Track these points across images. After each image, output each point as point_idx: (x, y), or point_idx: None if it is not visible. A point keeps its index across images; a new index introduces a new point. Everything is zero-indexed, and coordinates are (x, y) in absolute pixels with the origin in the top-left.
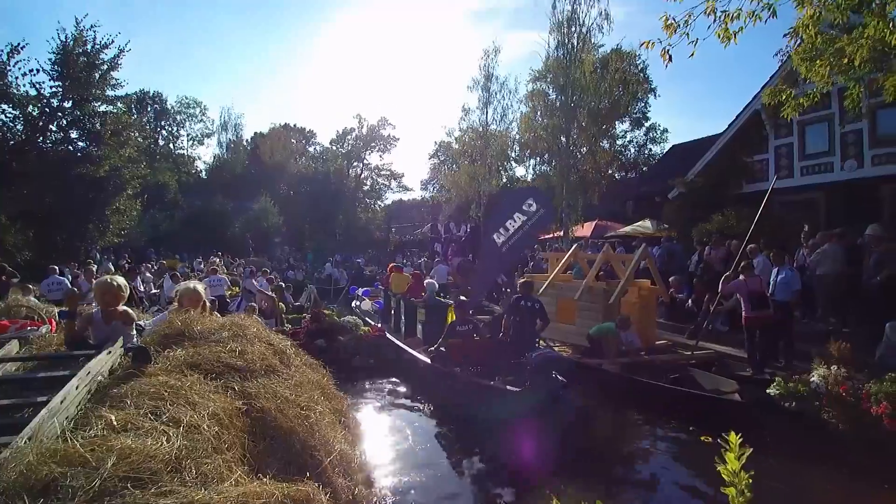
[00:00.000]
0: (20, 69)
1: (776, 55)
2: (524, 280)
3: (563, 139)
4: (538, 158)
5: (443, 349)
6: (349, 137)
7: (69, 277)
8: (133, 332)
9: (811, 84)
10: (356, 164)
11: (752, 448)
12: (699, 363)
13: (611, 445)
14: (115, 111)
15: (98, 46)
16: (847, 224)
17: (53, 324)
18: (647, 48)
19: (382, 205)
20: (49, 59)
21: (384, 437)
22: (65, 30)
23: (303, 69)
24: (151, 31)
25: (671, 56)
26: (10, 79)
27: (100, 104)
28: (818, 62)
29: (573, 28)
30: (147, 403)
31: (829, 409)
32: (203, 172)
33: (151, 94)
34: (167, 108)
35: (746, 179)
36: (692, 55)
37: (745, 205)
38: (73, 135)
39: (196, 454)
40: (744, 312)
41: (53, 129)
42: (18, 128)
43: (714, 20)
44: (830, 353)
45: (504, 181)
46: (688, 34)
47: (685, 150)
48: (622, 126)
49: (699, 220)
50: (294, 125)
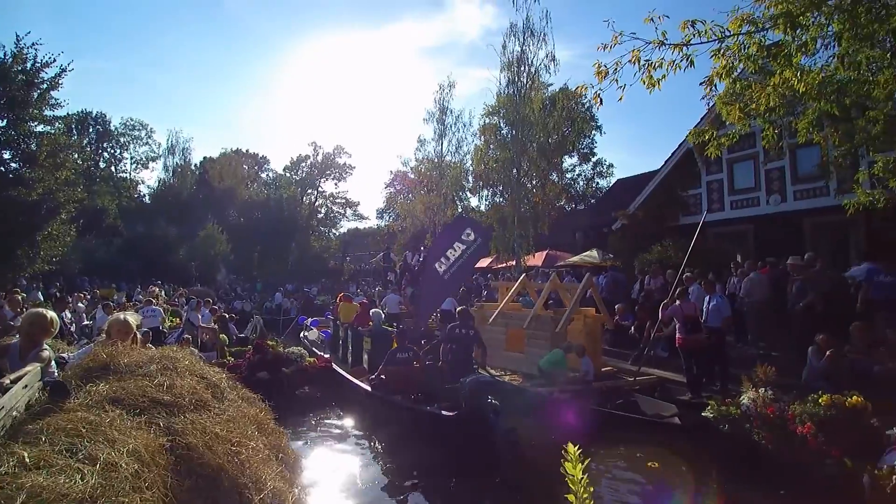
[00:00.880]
0: None
1: (702, 99)
2: (461, 309)
3: (515, 172)
4: (491, 190)
5: (382, 377)
6: (303, 164)
7: None
8: (52, 367)
9: (733, 125)
10: (310, 192)
11: (690, 469)
12: (643, 388)
13: (554, 471)
14: (53, 132)
15: (38, 65)
16: (774, 254)
17: None
18: (582, 91)
19: (337, 233)
20: None
21: (324, 471)
22: (3, 46)
23: (257, 95)
24: (99, 53)
25: (602, 99)
26: None
27: (37, 124)
28: (736, 106)
29: (522, 67)
30: (63, 440)
31: (759, 431)
32: (147, 197)
33: (94, 115)
34: (110, 130)
35: (683, 212)
36: (620, 99)
37: (682, 236)
38: (6, 155)
39: (112, 493)
40: (677, 335)
41: None
42: None
43: (639, 69)
44: (758, 377)
45: (459, 211)
46: (616, 80)
47: (629, 184)
48: (571, 160)
49: (641, 251)
50: (246, 150)
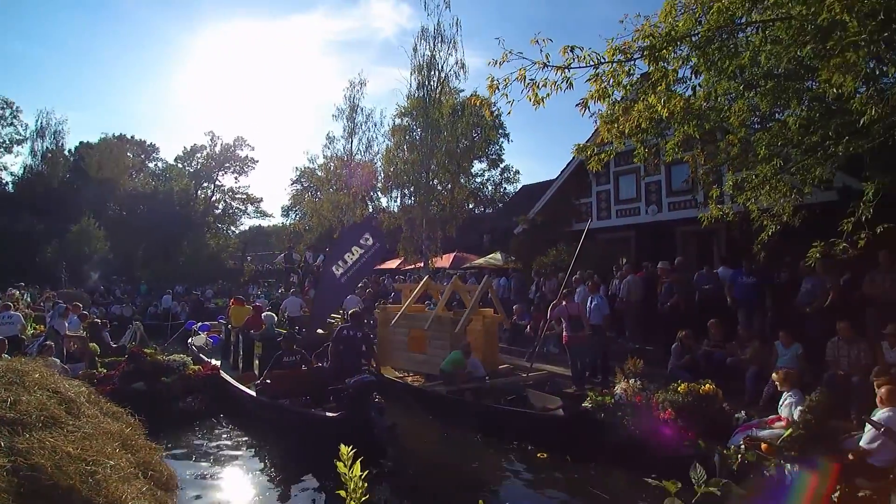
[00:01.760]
0: None
1: (590, 117)
2: (353, 311)
3: (424, 174)
4: (400, 191)
5: (268, 381)
6: (199, 155)
7: None
8: None
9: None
10: (206, 185)
11: (573, 456)
12: (535, 384)
13: (448, 467)
14: None
15: None
16: (652, 258)
17: None
18: (475, 103)
19: (237, 231)
20: None
21: (204, 486)
22: None
23: (148, 78)
24: None
25: (493, 112)
26: None
27: None
28: (615, 126)
29: (433, 72)
30: None
31: (630, 418)
32: (10, 185)
33: None
34: None
35: (576, 219)
36: (509, 113)
37: (575, 241)
38: None
39: None
40: (564, 333)
41: None
42: None
43: (525, 86)
44: (629, 369)
45: (370, 211)
46: (506, 94)
47: (533, 190)
48: (480, 165)
49: (539, 254)
50: (132, 137)
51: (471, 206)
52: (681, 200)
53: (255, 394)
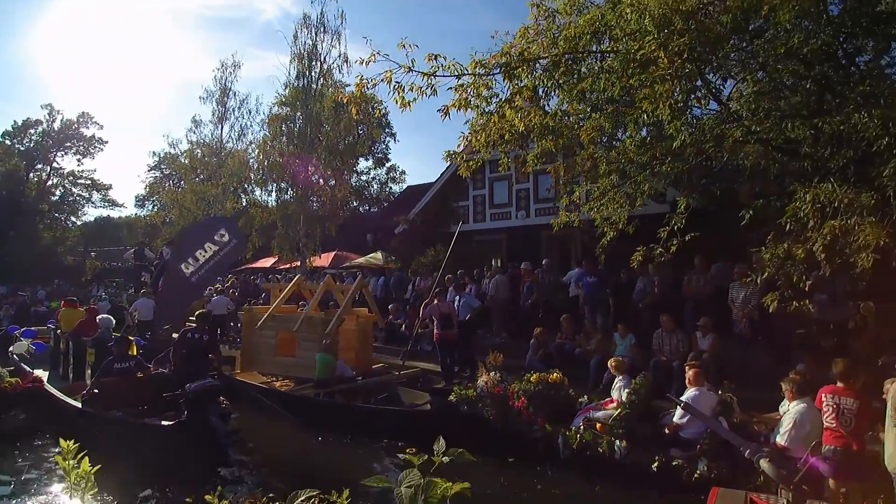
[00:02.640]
0: None
1: (465, 123)
2: (199, 312)
3: (303, 168)
4: (277, 185)
5: (95, 391)
6: (32, 132)
7: None
8: None
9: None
10: (41, 167)
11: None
12: (408, 381)
13: (307, 469)
14: None
15: None
16: (521, 260)
17: None
18: (341, 99)
19: (78, 222)
20: None
21: None
22: None
23: None
24: None
25: (358, 110)
26: None
27: None
28: (482, 135)
29: (314, 62)
30: None
31: (489, 408)
32: None
33: None
34: None
35: (454, 221)
36: (378, 113)
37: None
38: None
39: None
40: (435, 331)
41: None
42: None
43: (391, 89)
44: (490, 362)
45: (244, 204)
46: (373, 95)
47: (417, 191)
48: (366, 163)
49: (418, 254)
50: None
51: (355, 205)
52: (546, 207)
53: (81, 405)
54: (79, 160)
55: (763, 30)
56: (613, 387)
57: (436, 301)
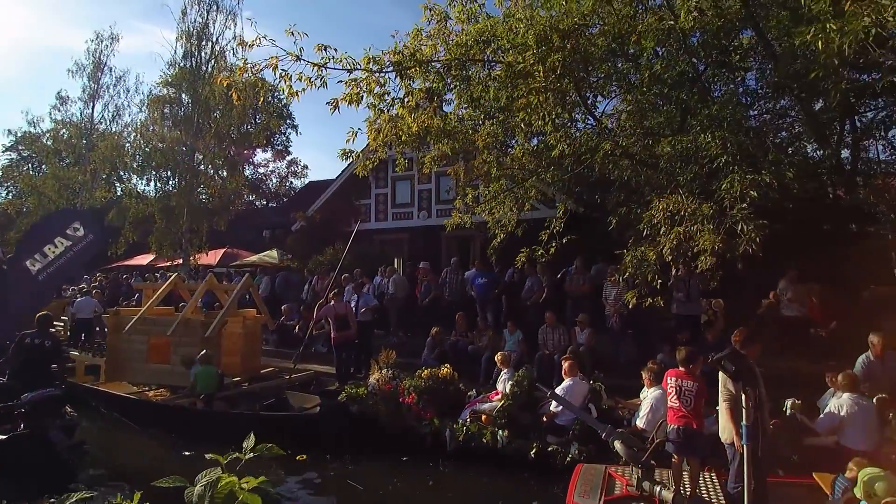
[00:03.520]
0: None
1: (365, 120)
2: (41, 315)
3: (187, 158)
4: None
5: None
6: None
7: None
8: None
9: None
10: None
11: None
12: (300, 384)
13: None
14: None
15: None
16: (422, 259)
17: None
18: (220, 81)
19: None
20: None
21: None
22: None
23: None
24: None
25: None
26: None
27: None
28: (381, 134)
29: (204, 42)
30: None
31: (379, 406)
32: None
33: None
34: None
35: (355, 219)
36: (261, 100)
37: (354, 241)
38: None
39: None
40: (331, 332)
41: None
42: None
43: (277, 76)
44: (383, 360)
45: (119, 194)
46: (260, 82)
47: (320, 187)
48: (265, 155)
49: (316, 253)
50: None
51: (251, 199)
52: (447, 208)
53: None
54: None
55: (635, 55)
56: (499, 380)
57: (332, 301)
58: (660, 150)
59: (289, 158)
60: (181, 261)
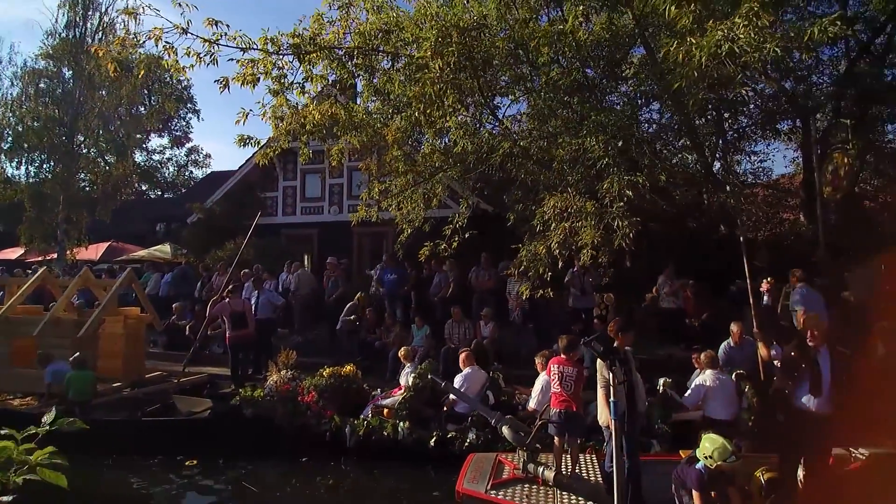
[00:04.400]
0: None
1: (262, 106)
2: None
3: (65, 139)
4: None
5: None
6: None
7: None
8: None
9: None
10: None
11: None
12: (191, 388)
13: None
14: None
15: None
16: (333, 254)
17: None
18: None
19: None
20: None
21: None
22: None
23: None
24: None
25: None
26: None
27: None
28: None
29: (91, 12)
30: None
31: (277, 406)
32: None
33: None
34: None
35: (261, 212)
36: (141, 73)
37: (258, 235)
38: None
39: None
40: (227, 332)
41: None
42: None
43: (162, 50)
44: (281, 361)
45: None
46: (140, 53)
47: (223, 177)
48: (160, 140)
49: (215, 247)
50: None
51: (144, 188)
52: (358, 203)
53: None
54: None
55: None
56: (402, 374)
57: (227, 298)
58: (555, 152)
59: (189, 146)
60: (55, 255)
